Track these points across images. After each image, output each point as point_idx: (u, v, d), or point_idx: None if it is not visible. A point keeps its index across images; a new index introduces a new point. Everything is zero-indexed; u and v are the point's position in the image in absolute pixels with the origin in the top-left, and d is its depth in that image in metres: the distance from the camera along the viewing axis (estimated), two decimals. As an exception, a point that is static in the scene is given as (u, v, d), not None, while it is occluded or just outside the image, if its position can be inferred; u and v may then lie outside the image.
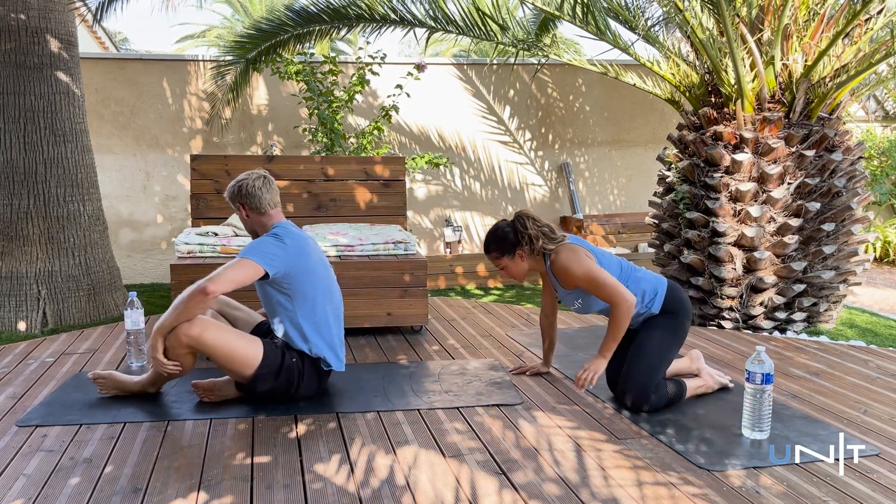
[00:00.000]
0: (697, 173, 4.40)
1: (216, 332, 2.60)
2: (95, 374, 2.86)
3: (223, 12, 21.54)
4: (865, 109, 7.78)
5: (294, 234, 2.74)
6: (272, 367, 2.68)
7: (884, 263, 7.18)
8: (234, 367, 2.64)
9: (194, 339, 2.57)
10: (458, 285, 6.04)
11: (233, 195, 2.82)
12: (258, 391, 2.72)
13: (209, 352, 2.59)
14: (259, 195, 2.77)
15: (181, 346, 2.58)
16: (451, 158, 6.90)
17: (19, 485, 2.09)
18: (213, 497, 2.02)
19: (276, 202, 2.82)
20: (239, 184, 2.80)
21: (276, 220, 2.80)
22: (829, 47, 4.03)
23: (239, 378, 2.70)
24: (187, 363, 2.65)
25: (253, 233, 2.85)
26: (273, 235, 2.71)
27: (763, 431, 2.43)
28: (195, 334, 2.56)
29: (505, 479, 2.14)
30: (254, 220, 2.81)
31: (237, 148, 6.53)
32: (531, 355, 3.55)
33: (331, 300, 2.85)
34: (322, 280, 2.80)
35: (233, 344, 2.62)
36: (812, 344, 3.84)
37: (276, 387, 2.72)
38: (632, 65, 6.51)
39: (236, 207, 2.83)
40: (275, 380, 2.70)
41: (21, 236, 4.50)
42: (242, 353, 2.62)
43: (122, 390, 2.84)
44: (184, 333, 2.56)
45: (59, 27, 4.62)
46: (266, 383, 2.70)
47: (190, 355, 2.63)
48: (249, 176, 2.79)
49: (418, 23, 5.24)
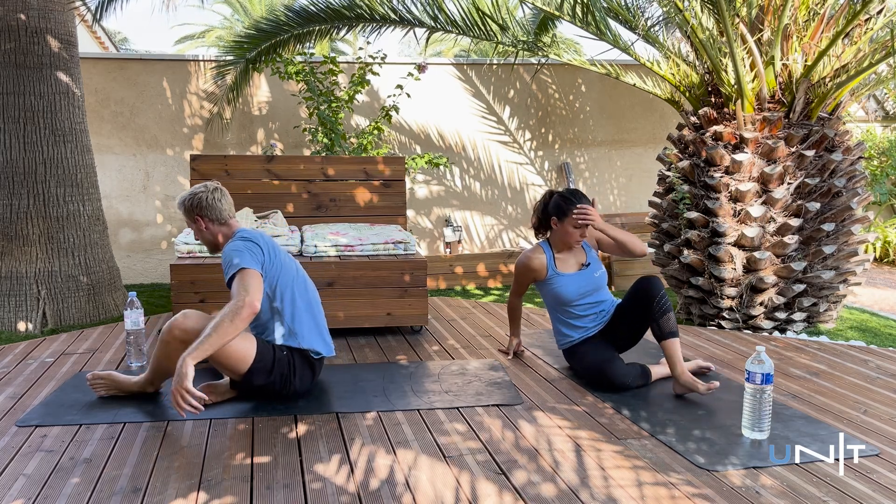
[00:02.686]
0: (697, 173, 4.40)
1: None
2: (94, 374, 2.85)
3: (223, 12, 21.53)
4: (865, 109, 7.78)
5: (260, 236, 2.80)
6: (266, 362, 2.70)
7: (884, 263, 7.18)
8: (228, 362, 2.64)
9: (188, 334, 2.58)
10: (458, 285, 6.04)
11: (190, 209, 2.81)
12: (252, 386, 2.73)
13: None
14: (219, 206, 2.81)
15: (175, 341, 2.60)
16: (451, 158, 6.90)
17: (19, 485, 2.09)
18: (212, 497, 2.01)
19: (233, 212, 2.88)
20: (197, 197, 2.80)
21: (236, 228, 2.85)
22: (829, 47, 4.03)
23: (233, 374, 2.71)
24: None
25: (211, 244, 2.86)
26: (243, 240, 2.73)
27: (763, 431, 2.43)
28: (189, 328, 2.59)
29: (505, 479, 2.14)
30: (214, 231, 2.84)
31: (237, 148, 6.53)
32: (531, 355, 3.55)
33: (307, 290, 2.90)
34: (295, 272, 2.87)
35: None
36: (812, 344, 3.84)
37: (270, 382, 2.73)
38: (632, 65, 6.51)
39: (192, 220, 2.83)
40: (269, 375, 2.71)
41: (21, 236, 4.50)
42: (235, 349, 2.62)
43: (120, 390, 2.84)
44: (178, 328, 2.59)
45: (59, 27, 4.62)
46: (260, 378, 2.70)
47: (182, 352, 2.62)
48: (206, 188, 2.82)
49: (418, 23, 5.24)
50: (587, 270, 3.20)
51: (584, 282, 3.17)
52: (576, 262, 3.21)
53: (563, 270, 3.18)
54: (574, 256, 3.23)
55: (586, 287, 3.17)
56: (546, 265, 3.18)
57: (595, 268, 3.22)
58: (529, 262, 3.22)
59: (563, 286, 3.15)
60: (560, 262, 3.20)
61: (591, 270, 3.20)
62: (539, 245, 3.27)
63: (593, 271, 3.20)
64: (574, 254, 3.23)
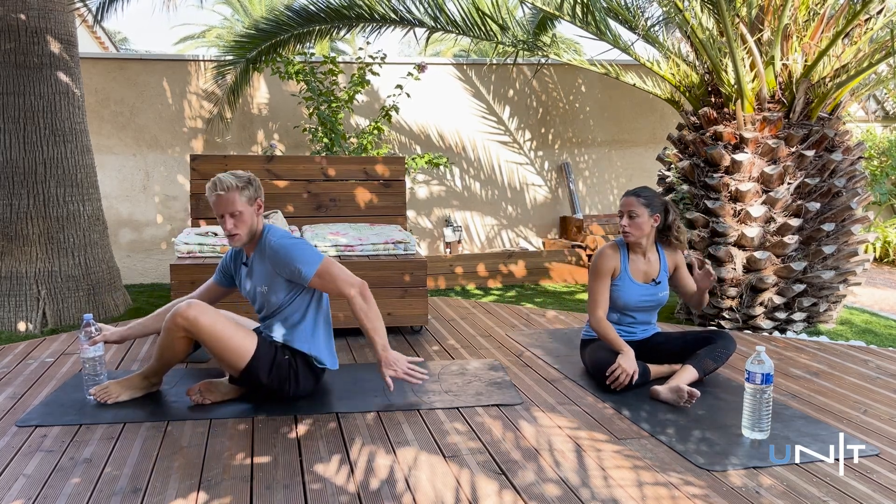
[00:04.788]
0: (697, 173, 4.40)
1: (213, 317, 2.60)
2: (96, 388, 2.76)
3: (223, 12, 21.57)
4: (865, 109, 7.77)
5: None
6: (264, 362, 2.67)
7: (884, 263, 7.18)
8: (226, 355, 2.62)
9: (191, 322, 2.56)
10: (458, 285, 6.04)
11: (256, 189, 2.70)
12: (251, 382, 2.71)
13: (205, 336, 2.58)
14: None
15: (177, 328, 2.58)
16: (451, 158, 6.90)
17: (19, 485, 2.09)
18: (212, 497, 2.01)
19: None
20: (252, 177, 2.71)
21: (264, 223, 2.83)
22: (829, 47, 4.03)
23: (230, 369, 2.69)
24: (180, 348, 2.65)
25: (251, 233, 2.72)
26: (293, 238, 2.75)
27: (763, 431, 2.43)
28: (192, 316, 2.56)
29: (505, 479, 2.14)
30: (259, 220, 2.75)
31: (237, 148, 6.53)
32: (531, 355, 3.55)
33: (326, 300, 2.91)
34: None
35: (228, 332, 2.61)
36: (812, 344, 3.84)
37: (268, 383, 2.71)
38: (632, 65, 6.51)
39: (252, 201, 2.69)
40: (267, 375, 2.68)
41: (21, 236, 4.50)
42: (236, 343, 2.61)
43: (129, 388, 2.78)
44: (181, 315, 2.56)
45: (59, 27, 4.62)
46: (256, 377, 2.68)
47: (184, 339, 2.62)
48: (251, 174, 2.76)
49: (418, 23, 5.24)
50: (655, 287, 3.11)
51: (647, 295, 3.09)
52: (644, 273, 3.10)
53: (632, 276, 3.09)
54: (646, 266, 3.10)
55: (646, 302, 3.10)
56: (620, 264, 3.07)
57: (662, 288, 3.12)
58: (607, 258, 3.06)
59: (625, 291, 3.07)
60: (631, 265, 3.09)
61: (659, 289, 3.11)
62: (616, 243, 3.13)
63: (659, 290, 3.12)
64: (647, 264, 3.11)
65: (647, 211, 3.00)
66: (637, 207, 2.99)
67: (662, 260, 3.14)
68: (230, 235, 2.68)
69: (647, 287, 3.09)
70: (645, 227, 3.01)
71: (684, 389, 2.70)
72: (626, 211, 3.02)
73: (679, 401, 2.72)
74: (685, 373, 2.91)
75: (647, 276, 3.10)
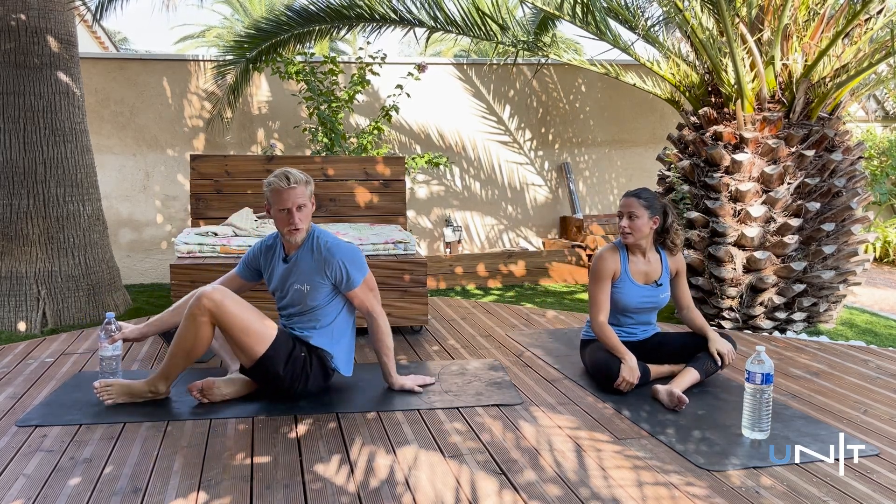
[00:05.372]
0: (697, 173, 4.40)
1: (238, 300, 2.67)
2: (102, 382, 2.74)
3: (223, 12, 21.52)
4: (865, 109, 7.77)
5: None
6: (282, 353, 2.70)
7: (884, 263, 7.18)
8: (247, 340, 2.64)
9: (217, 304, 2.59)
10: (458, 285, 6.04)
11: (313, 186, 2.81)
12: (266, 373, 2.71)
13: (228, 319, 2.60)
14: None
15: (203, 311, 2.59)
16: (451, 158, 6.90)
17: (19, 485, 2.09)
18: (212, 497, 2.01)
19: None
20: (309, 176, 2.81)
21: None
22: (829, 47, 4.03)
23: (248, 357, 2.69)
24: (205, 334, 2.64)
25: (307, 230, 2.80)
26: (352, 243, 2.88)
27: (763, 431, 2.43)
28: (218, 299, 2.60)
29: (505, 479, 2.14)
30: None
31: (237, 148, 6.53)
32: (531, 355, 3.55)
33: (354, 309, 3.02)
34: None
35: (251, 318, 2.66)
36: (812, 344, 3.84)
37: (283, 375, 2.72)
38: (632, 65, 6.50)
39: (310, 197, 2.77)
40: (283, 367, 2.70)
41: (21, 236, 4.50)
42: (258, 329, 2.65)
43: (131, 395, 2.75)
44: (207, 297, 2.59)
45: (59, 27, 4.62)
46: (273, 367, 2.69)
47: (208, 325, 2.63)
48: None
49: (418, 23, 5.24)
50: (656, 289, 3.11)
51: (648, 297, 3.09)
52: (644, 274, 3.08)
53: (632, 277, 3.08)
54: (646, 266, 3.09)
55: (647, 303, 3.10)
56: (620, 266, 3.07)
57: (664, 290, 3.12)
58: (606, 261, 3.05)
59: (625, 293, 3.06)
60: (631, 267, 3.08)
61: (660, 291, 3.11)
62: (615, 245, 3.12)
63: (660, 292, 3.12)
64: (647, 264, 3.10)
65: (647, 213, 3.00)
66: (637, 209, 2.99)
67: (664, 262, 3.14)
68: (293, 230, 2.74)
69: (648, 288, 3.09)
70: (644, 229, 3.01)
71: (675, 395, 2.72)
72: (626, 212, 3.02)
73: (670, 405, 2.74)
74: (687, 375, 2.91)
75: (647, 278, 3.09)
